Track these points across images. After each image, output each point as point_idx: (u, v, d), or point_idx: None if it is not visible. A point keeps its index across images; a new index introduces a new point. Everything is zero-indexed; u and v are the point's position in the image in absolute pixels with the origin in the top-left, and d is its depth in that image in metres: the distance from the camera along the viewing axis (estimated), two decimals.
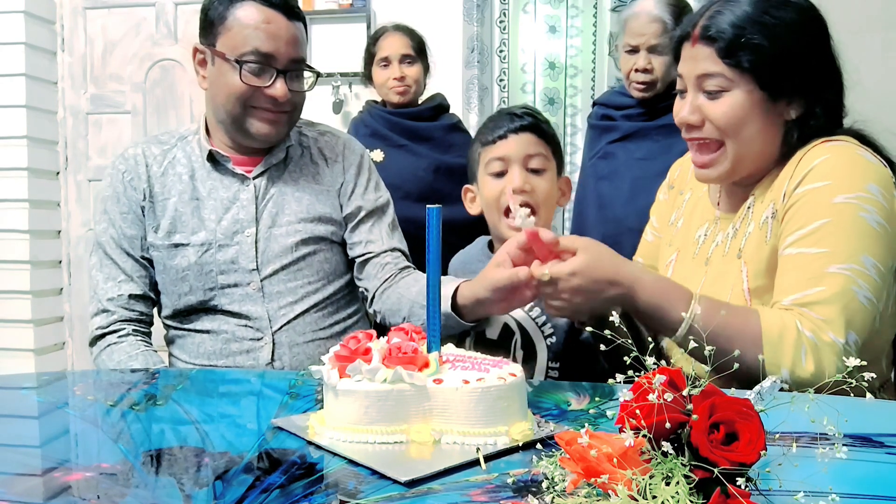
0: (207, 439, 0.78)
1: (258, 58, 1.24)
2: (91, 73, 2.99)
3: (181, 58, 2.90)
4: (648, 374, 0.54)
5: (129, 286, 1.34)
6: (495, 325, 1.22)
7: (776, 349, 0.91)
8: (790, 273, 0.97)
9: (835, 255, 0.94)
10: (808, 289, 0.94)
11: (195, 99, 2.87)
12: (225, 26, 1.25)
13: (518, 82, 2.62)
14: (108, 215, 1.35)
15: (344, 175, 1.40)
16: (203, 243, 1.31)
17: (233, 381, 1.11)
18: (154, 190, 1.34)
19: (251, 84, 1.25)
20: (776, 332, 0.92)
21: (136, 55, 2.94)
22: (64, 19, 2.99)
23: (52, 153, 3.00)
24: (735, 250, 1.07)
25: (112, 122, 2.99)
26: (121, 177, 1.35)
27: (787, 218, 0.99)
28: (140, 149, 1.38)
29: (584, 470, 0.54)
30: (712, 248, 1.12)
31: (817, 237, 0.95)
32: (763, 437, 0.51)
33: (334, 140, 1.43)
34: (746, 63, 1.00)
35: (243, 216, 1.32)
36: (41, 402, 0.97)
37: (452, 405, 0.73)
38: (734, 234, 1.08)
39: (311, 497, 0.61)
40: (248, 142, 1.33)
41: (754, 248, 1.03)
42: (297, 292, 1.33)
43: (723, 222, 1.13)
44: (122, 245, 1.34)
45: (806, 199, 0.98)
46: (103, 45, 2.98)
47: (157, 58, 2.93)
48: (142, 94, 2.93)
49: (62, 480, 0.66)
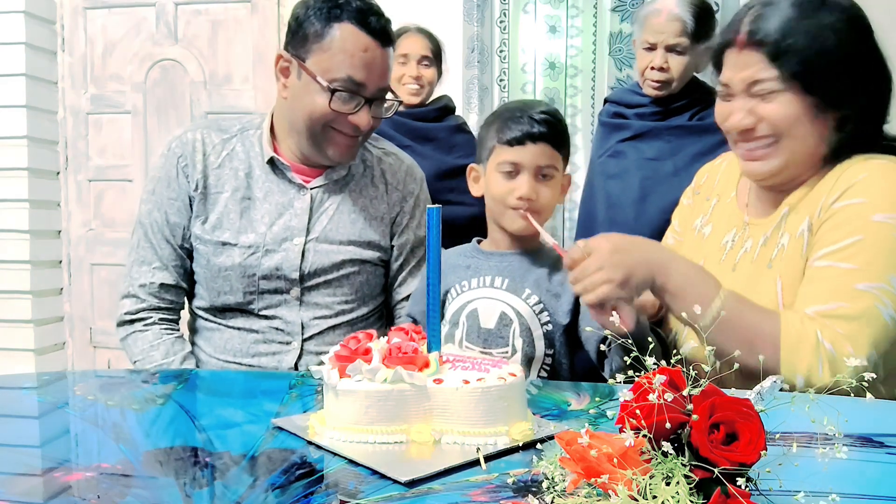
0: (207, 439, 0.78)
1: (350, 86, 1.22)
2: (91, 73, 2.99)
3: (181, 58, 2.90)
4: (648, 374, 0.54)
5: (163, 274, 1.33)
6: (492, 313, 1.22)
7: (793, 354, 0.92)
8: (817, 284, 0.97)
9: (864, 272, 0.94)
10: (832, 302, 0.94)
11: (195, 99, 2.87)
12: (321, 45, 1.22)
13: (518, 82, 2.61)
14: (156, 197, 1.33)
15: (402, 205, 1.39)
16: (251, 245, 1.29)
17: (233, 381, 1.11)
18: (208, 181, 1.32)
19: (338, 111, 1.23)
20: (795, 337, 0.92)
21: (137, 55, 2.94)
22: (64, 19, 2.98)
23: (52, 153, 3.00)
24: (766, 260, 1.06)
25: (112, 122, 2.98)
26: (175, 161, 1.32)
27: (823, 231, 0.99)
28: (199, 133, 1.34)
29: (584, 470, 0.54)
30: (740, 255, 1.12)
31: (849, 253, 0.95)
32: (763, 437, 0.51)
33: (398, 164, 1.42)
34: (797, 67, 1.00)
35: (295, 224, 1.30)
36: (41, 402, 0.97)
37: (452, 405, 0.73)
38: (765, 243, 1.07)
39: (311, 497, 0.61)
40: (318, 159, 1.32)
41: (789, 262, 1.03)
42: (333, 307, 1.33)
43: (752, 228, 1.13)
44: (163, 231, 1.32)
45: (843, 215, 0.97)
46: (103, 45, 2.98)
47: (157, 58, 2.92)
48: (142, 94, 2.93)
49: (62, 480, 0.66)
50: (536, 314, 1.21)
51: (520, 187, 1.22)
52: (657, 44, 1.77)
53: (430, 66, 2.17)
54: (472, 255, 1.29)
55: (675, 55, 1.77)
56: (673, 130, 1.82)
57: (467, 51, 2.55)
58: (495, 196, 1.26)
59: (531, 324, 1.21)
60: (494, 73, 2.61)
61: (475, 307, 1.23)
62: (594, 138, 2.05)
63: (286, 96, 1.28)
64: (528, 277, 1.23)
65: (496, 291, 1.23)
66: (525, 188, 1.22)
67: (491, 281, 1.24)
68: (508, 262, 1.25)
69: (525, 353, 1.20)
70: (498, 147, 1.26)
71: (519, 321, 1.21)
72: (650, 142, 1.84)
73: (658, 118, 1.85)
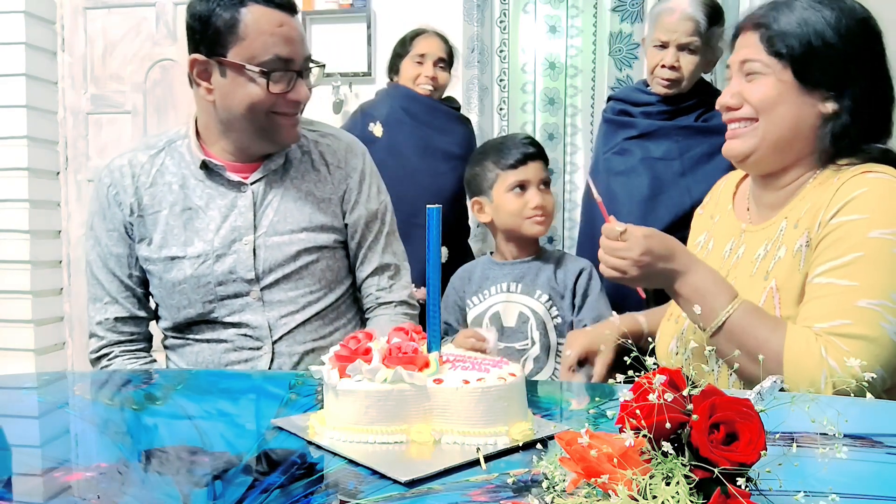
0: (207, 439, 0.78)
1: (279, 64, 1.20)
2: (91, 73, 2.99)
3: (181, 58, 2.89)
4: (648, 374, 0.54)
5: (114, 308, 1.32)
6: (511, 313, 1.48)
7: (796, 368, 0.92)
8: (818, 301, 0.97)
9: (865, 289, 0.94)
10: (835, 320, 0.94)
11: None
12: (237, 35, 1.19)
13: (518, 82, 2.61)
14: (94, 232, 1.32)
15: (347, 182, 1.36)
16: (199, 255, 1.26)
17: (233, 381, 1.11)
18: (143, 203, 1.29)
19: (277, 92, 1.21)
20: (799, 352, 0.93)
21: (137, 55, 2.94)
22: (64, 19, 2.98)
23: (52, 153, 3.00)
24: (763, 271, 1.06)
25: (112, 122, 2.98)
26: (105, 191, 1.31)
27: (821, 247, 0.99)
28: (126, 159, 1.32)
29: (584, 470, 0.54)
30: (734, 261, 1.13)
31: (849, 270, 0.95)
32: (763, 437, 0.51)
33: (336, 143, 1.38)
34: (782, 49, 1.03)
35: (241, 223, 1.27)
36: (41, 402, 0.97)
37: (452, 405, 0.73)
38: (764, 256, 1.08)
39: (311, 497, 0.61)
40: (263, 149, 1.29)
41: (787, 275, 1.03)
42: (299, 301, 1.30)
43: (747, 235, 1.14)
44: (107, 264, 1.31)
45: (841, 231, 0.97)
46: (103, 45, 2.98)
47: (157, 58, 2.92)
48: (142, 94, 2.93)
49: (62, 480, 0.66)
50: (548, 310, 1.47)
51: (532, 199, 1.52)
52: (669, 42, 1.77)
53: (445, 70, 2.24)
54: (488, 267, 1.57)
55: (686, 54, 1.78)
56: (681, 130, 1.82)
57: (467, 51, 2.55)
58: (512, 212, 1.53)
59: (545, 319, 1.47)
60: (494, 73, 2.61)
61: (497, 310, 1.50)
62: (597, 135, 2.05)
63: (213, 99, 1.25)
64: (538, 280, 1.49)
65: (513, 295, 1.50)
66: (537, 199, 1.52)
67: (507, 287, 1.51)
68: (520, 270, 1.53)
69: (542, 343, 1.46)
70: (502, 173, 1.55)
71: (535, 318, 1.47)
72: (658, 141, 1.84)
73: (665, 117, 1.85)
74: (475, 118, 2.52)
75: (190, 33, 1.23)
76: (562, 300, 1.48)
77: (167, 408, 0.93)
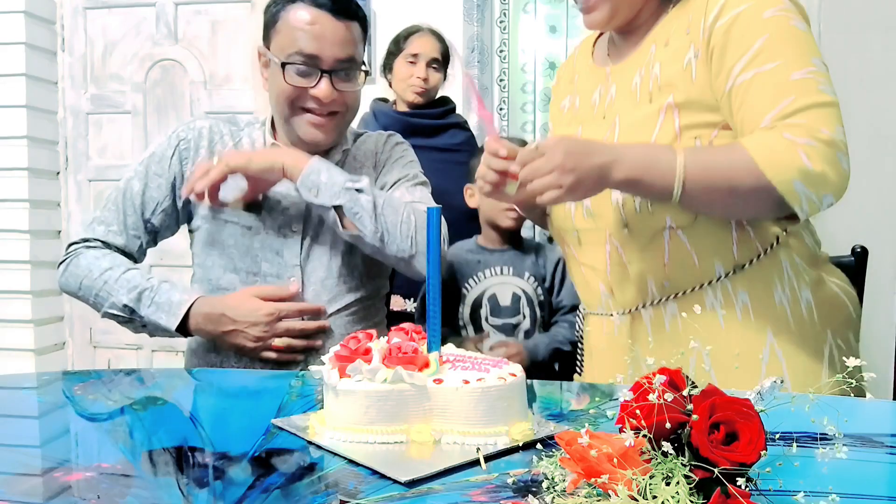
0: (207, 439, 0.78)
1: (302, 59, 1.22)
2: (91, 73, 2.99)
3: (181, 58, 2.90)
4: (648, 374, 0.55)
5: (119, 239, 1.32)
6: (506, 293, 1.73)
7: (775, 167, 0.92)
8: (754, 96, 0.96)
9: (790, 63, 0.95)
10: (780, 101, 0.94)
11: (195, 99, 2.87)
12: (276, 29, 1.25)
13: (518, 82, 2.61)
14: (142, 168, 1.33)
15: (382, 168, 1.39)
16: (250, 227, 1.29)
17: (233, 380, 1.11)
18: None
19: (295, 85, 1.24)
20: (768, 151, 0.92)
21: (137, 55, 2.94)
22: (64, 19, 2.98)
23: (52, 153, 3.00)
24: (646, 95, 1.05)
25: (112, 122, 2.98)
26: (176, 143, 1.33)
27: (720, 51, 0.99)
28: (208, 123, 1.36)
29: (584, 470, 0.54)
30: (607, 102, 1.12)
31: (766, 54, 0.96)
32: (763, 437, 0.51)
33: (367, 138, 1.43)
34: None
35: (293, 212, 1.30)
36: (41, 402, 0.97)
37: (452, 405, 0.73)
38: (641, 82, 1.07)
39: (311, 497, 0.61)
40: (299, 143, 1.31)
41: (681, 88, 1.02)
42: (333, 290, 1.31)
43: (615, 74, 1.13)
44: (135, 201, 1.32)
45: (736, 26, 0.98)
46: (103, 45, 2.98)
47: (157, 58, 2.92)
48: (142, 94, 2.93)
49: (62, 480, 0.66)
50: (534, 289, 1.74)
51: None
52: None
53: (439, 70, 2.19)
54: (479, 252, 1.78)
55: None
56: None
57: (467, 51, 2.55)
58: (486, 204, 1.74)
59: (533, 297, 1.74)
60: (494, 73, 2.61)
61: (493, 291, 1.73)
62: None
63: (266, 88, 1.31)
64: (525, 264, 1.76)
65: (506, 278, 1.75)
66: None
67: (500, 270, 1.75)
68: (509, 256, 1.76)
69: (531, 318, 1.73)
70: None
71: (525, 297, 1.73)
72: None
73: None
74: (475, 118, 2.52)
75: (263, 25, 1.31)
76: (543, 282, 1.75)
77: (167, 408, 0.93)
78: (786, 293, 1.04)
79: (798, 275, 1.05)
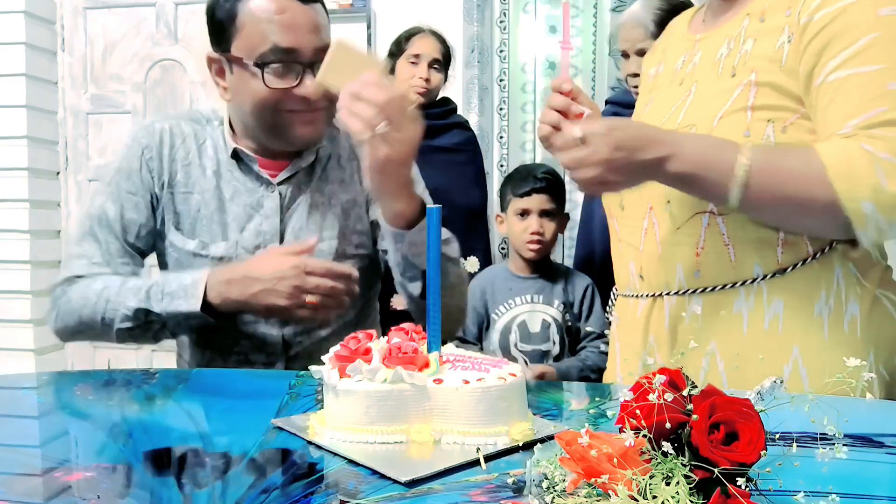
0: (207, 439, 0.78)
1: (279, 55, 1.07)
2: (91, 73, 2.99)
3: (181, 58, 2.90)
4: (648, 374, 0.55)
5: (106, 270, 1.15)
6: (536, 321, 1.81)
7: (849, 181, 0.83)
8: (845, 97, 0.87)
9: (893, 70, 0.85)
10: (870, 110, 0.85)
11: (195, 99, 2.87)
12: (236, 26, 1.09)
13: (518, 82, 2.61)
14: (112, 188, 1.18)
15: None
16: (222, 257, 1.16)
17: (233, 380, 1.11)
18: (176, 179, 1.18)
19: (277, 87, 1.08)
20: (843, 163, 0.84)
21: (137, 55, 2.94)
22: (64, 19, 2.98)
23: (52, 153, 3.00)
24: (729, 68, 0.97)
25: (112, 122, 2.98)
26: (140, 153, 1.18)
27: (819, 42, 0.89)
28: (168, 124, 1.20)
29: (584, 470, 0.54)
30: (689, 69, 1.05)
31: (869, 54, 0.86)
32: (763, 437, 0.51)
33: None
34: None
35: (266, 228, 1.17)
36: (41, 402, 0.97)
37: (453, 405, 0.73)
38: (728, 53, 0.98)
39: (311, 497, 0.61)
40: (284, 146, 1.17)
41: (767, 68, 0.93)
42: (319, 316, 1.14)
43: (703, 42, 1.05)
44: (113, 227, 1.17)
45: (844, 18, 0.88)
46: (103, 45, 2.98)
47: (157, 58, 2.93)
48: (142, 94, 2.93)
49: (62, 480, 0.66)
50: (563, 316, 1.81)
51: (531, 225, 1.84)
52: (628, 51, 1.83)
53: (440, 71, 2.21)
54: (510, 279, 1.87)
55: None
56: None
57: (467, 51, 2.55)
58: (516, 232, 1.86)
59: (562, 324, 1.80)
60: (494, 73, 2.61)
61: (523, 318, 1.81)
62: None
63: (229, 98, 1.17)
64: (554, 292, 1.83)
65: (536, 305, 1.82)
66: (535, 226, 1.84)
67: (531, 298, 1.82)
68: (540, 284, 1.85)
69: (560, 344, 1.79)
70: (513, 199, 1.87)
71: (555, 324, 1.81)
72: None
73: None
74: (475, 118, 2.53)
75: (208, 31, 1.16)
76: (571, 309, 1.81)
77: (167, 408, 0.93)
78: (828, 305, 0.93)
79: (849, 286, 0.94)
